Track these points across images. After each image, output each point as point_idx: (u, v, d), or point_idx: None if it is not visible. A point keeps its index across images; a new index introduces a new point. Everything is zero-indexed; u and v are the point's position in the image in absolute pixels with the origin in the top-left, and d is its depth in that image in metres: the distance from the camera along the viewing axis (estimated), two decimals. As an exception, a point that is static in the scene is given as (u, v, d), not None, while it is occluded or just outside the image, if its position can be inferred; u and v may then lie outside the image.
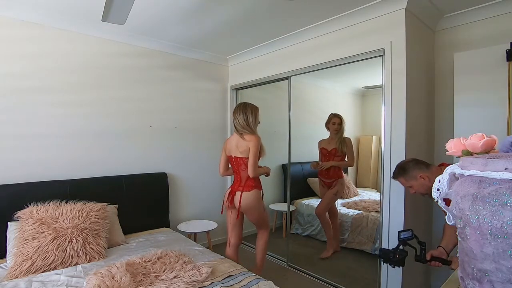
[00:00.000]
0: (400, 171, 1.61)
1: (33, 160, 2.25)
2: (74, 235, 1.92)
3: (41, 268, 1.76)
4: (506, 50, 1.80)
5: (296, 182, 3.37)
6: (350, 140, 2.97)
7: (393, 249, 1.55)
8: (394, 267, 1.54)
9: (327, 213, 3.00)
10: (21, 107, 2.20)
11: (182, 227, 2.86)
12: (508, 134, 1.81)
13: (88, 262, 1.91)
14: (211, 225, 2.94)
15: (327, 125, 3.07)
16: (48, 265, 1.78)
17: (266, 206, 4.02)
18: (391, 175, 1.72)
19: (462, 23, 2.18)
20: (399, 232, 1.57)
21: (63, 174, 2.37)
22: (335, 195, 3.00)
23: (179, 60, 3.12)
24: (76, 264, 1.87)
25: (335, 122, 3.01)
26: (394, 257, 1.54)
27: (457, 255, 0.68)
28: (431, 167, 1.58)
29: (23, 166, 2.21)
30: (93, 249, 1.96)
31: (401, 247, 1.55)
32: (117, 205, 2.47)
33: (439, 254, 1.54)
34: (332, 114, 3.06)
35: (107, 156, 2.63)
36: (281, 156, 3.86)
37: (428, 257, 1.51)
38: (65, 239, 1.88)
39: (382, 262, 1.59)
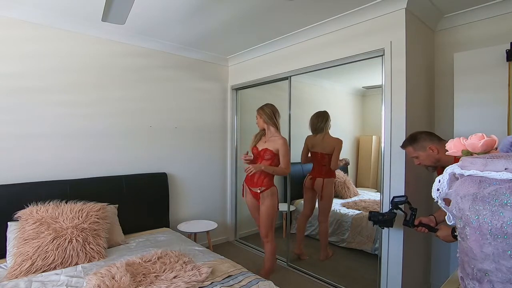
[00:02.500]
0: (411, 140, 1.61)
1: (33, 160, 2.25)
2: (74, 235, 1.92)
3: (41, 268, 1.76)
4: (506, 50, 1.80)
5: (296, 182, 3.36)
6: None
7: (383, 212, 1.59)
8: (383, 228, 1.58)
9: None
10: (21, 107, 2.20)
11: (182, 227, 2.86)
12: (508, 134, 1.81)
13: (88, 262, 1.90)
14: (211, 225, 2.94)
15: None
16: (48, 265, 1.78)
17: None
18: (400, 145, 1.74)
19: (462, 23, 2.18)
20: (394, 196, 1.60)
21: (63, 174, 2.37)
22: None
23: (179, 60, 3.12)
24: (76, 264, 1.87)
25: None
26: (383, 218, 1.58)
27: (457, 255, 0.68)
28: (443, 141, 1.57)
29: (23, 166, 2.21)
30: (93, 249, 1.96)
31: (393, 210, 1.60)
32: (117, 205, 2.47)
33: (428, 221, 1.58)
34: None
35: (107, 156, 2.63)
36: (281, 156, 3.86)
37: (416, 223, 1.56)
38: (65, 239, 1.88)
39: (372, 224, 1.66)
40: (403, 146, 1.68)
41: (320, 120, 2.89)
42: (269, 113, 2.45)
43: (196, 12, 2.25)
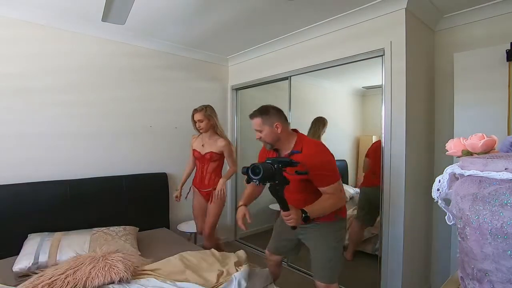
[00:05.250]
0: (262, 111, 1.55)
1: (33, 160, 2.25)
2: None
3: None
4: (506, 50, 1.80)
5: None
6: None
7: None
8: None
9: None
10: (21, 107, 2.20)
11: (183, 227, 2.86)
12: (508, 134, 1.81)
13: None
14: (211, 225, 2.94)
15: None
16: None
17: (266, 205, 4.03)
18: (249, 114, 1.61)
19: (462, 23, 2.18)
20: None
21: (63, 174, 2.36)
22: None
23: (179, 60, 3.12)
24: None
25: None
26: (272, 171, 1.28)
27: (457, 255, 0.68)
28: (287, 123, 1.60)
29: (23, 166, 2.21)
30: None
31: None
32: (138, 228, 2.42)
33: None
34: None
35: (107, 156, 2.63)
36: (281, 156, 3.86)
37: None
38: None
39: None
40: (253, 116, 1.57)
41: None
42: (214, 115, 2.41)
43: (196, 12, 2.25)
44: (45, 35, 2.29)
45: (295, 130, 1.63)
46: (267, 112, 1.54)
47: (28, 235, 2.04)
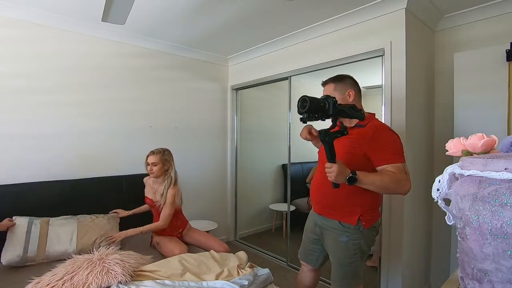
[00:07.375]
0: (336, 78, 1.50)
1: (33, 160, 2.25)
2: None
3: None
4: (506, 50, 1.81)
5: (296, 182, 3.36)
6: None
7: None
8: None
9: None
10: (21, 107, 2.20)
11: (182, 227, 2.85)
12: (508, 134, 1.81)
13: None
14: (211, 225, 2.94)
15: None
16: None
17: (266, 205, 4.02)
18: (323, 81, 1.57)
19: (462, 23, 2.18)
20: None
21: (63, 174, 2.36)
22: None
23: (179, 60, 3.12)
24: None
25: None
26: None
27: (457, 255, 0.68)
28: (360, 95, 1.51)
29: (23, 166, 2.21)
30: None
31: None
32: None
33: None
34: None
35: (107, 156, 2.63)
36: (281, 156, 3.87)
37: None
38: None
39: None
40: (325, 82, 1.52)
41: None
42: (171, 159, 2.23)
43: (196, 12, 2.25)
44: (45, 35, 2.29)
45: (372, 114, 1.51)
46: (342, 79, 1.48)
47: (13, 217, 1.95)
